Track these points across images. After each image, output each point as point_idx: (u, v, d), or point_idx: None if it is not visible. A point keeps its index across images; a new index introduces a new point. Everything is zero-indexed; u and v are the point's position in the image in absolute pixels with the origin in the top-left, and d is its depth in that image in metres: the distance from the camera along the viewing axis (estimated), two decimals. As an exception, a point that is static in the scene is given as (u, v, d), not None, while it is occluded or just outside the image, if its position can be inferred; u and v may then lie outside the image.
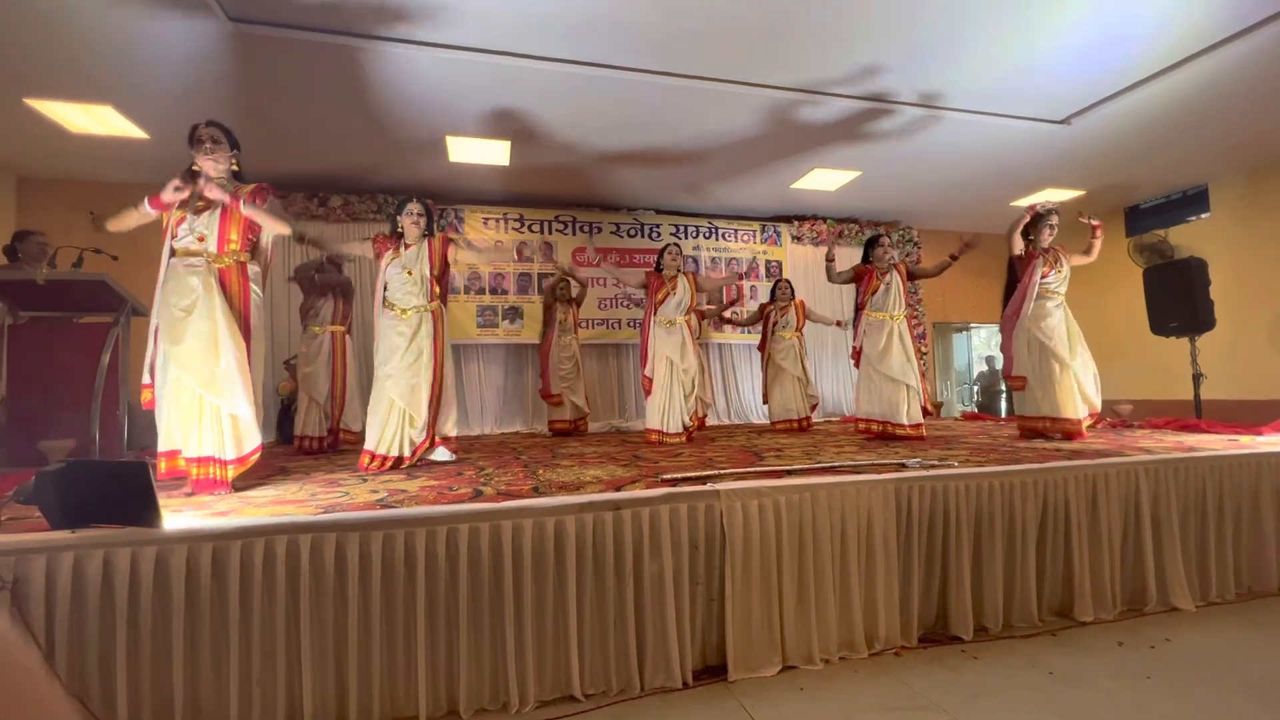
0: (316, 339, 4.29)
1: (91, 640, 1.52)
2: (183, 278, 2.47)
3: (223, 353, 2.42)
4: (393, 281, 3.19)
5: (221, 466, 2.42)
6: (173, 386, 2.41)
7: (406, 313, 3.15)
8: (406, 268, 3.17)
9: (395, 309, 3.17)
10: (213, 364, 2.40)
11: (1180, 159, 5.68)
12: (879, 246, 4.12)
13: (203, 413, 2.42)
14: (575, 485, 2.27)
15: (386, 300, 3.19)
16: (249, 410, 2.47)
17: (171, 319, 2.42)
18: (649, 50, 3.78)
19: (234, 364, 2.43)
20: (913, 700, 1.78)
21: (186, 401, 2.41)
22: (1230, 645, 2.16)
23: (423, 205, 3.27)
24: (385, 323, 3.17)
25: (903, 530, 2.19)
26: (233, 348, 2.43)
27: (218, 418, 2.43)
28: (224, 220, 2.53)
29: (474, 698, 1.75)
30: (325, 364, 4.27)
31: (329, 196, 5.86)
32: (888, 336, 3.92)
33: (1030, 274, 3.69)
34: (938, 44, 3.77)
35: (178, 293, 2.45)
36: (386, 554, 1.71)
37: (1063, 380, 3.60)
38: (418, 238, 3.23)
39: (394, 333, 3.14)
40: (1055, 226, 3.74)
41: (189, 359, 2.39)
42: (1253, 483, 2.70)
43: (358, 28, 3.48)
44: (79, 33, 3.40)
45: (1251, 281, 5.91)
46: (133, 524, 1.60)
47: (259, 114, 4.36)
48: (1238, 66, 4.00)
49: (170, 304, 2.44)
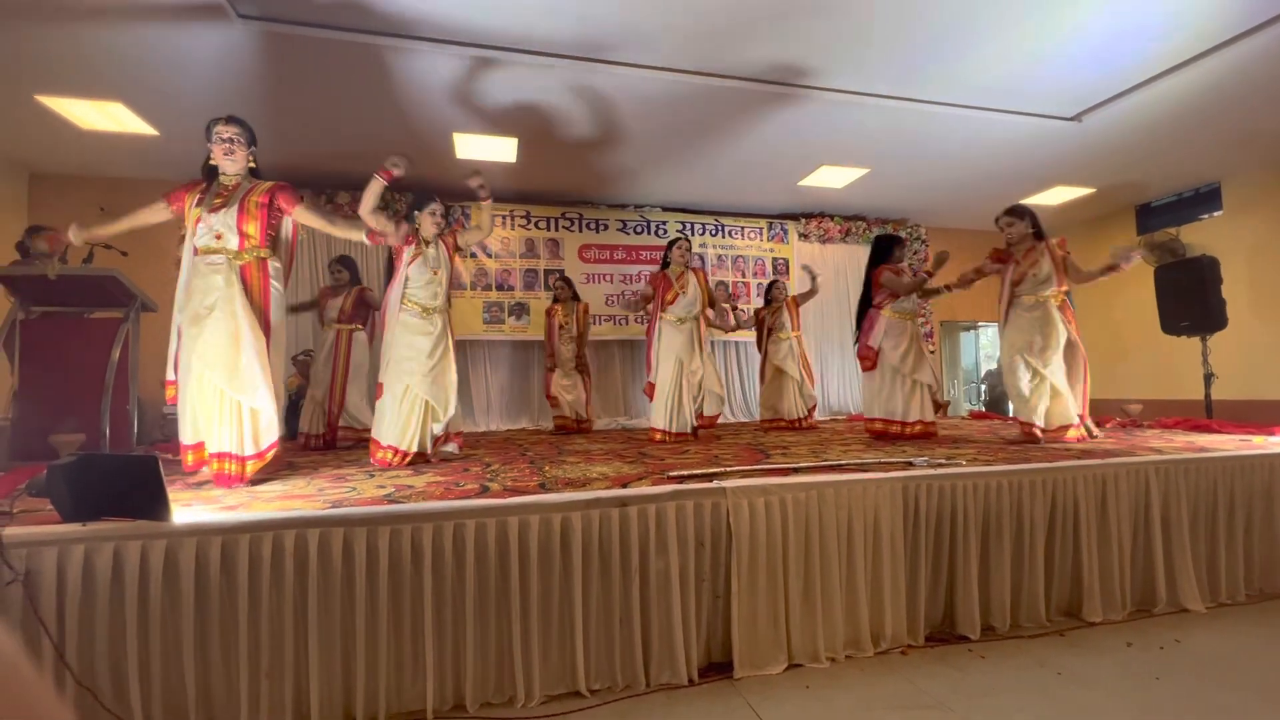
0: (324, 336, 4.33)
1: (102, 632, 1.53)
2: (205, 275, 2.50)
3: (244, 348, 2.45)
4: (416, 280, 3.14)
5: (240, 463, 2.46)
6: (196, 382, 2.45)
7: (430, 312, 3.14)
8: (433, 267, 3.17)
9: (419, 307, 3.13)
10: (235, 360, 2.44)
11: (1192, 156, 5.62)
12: (900, 246, 4.10)
13: (223, 408, 2.46)
14: (582, 482, 2.27)
15: (408, 297, 3.13)
16: (270, 405, 2.51)
17: (195, 316, 2.46)
18: (656, 47, 3.76)
19: (255, 359, 2.47)
20: (919, 699, 1.78)
21: (209, 397, 2.45)
22: (1241, 647, 2.14)
23: (442, 205, 3.28)
24: (408, 320, 3.11)
25: (910, 529, 2.18)
26: (254, 343, 2.47)
27: (238, 413, 2.47)
28: (241, 216, 2.55)
29: (480, 692, 1.76)
30: (327, 360, 4.30)
31: (336, 193, 5.89)
32: (910, 339, 3.89)
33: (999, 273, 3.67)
34: (947, 40, 3.74)
35: (201, 290, 2.48)
36: (394, 549, 1.71)
37: (1039, 387, 3.51)
38: (436, 237, 3.22)
39: (418, 332, 3.11)
40: (1005, 226, 3.60)
41: (212, 355, 2.43)
42: (1264, 484, 2.67)
43: (366, 24, 3.49)
44: (89, 30, 3.42)
45: (1264, 280, 5.84)
46: (143, 517, 1.61)
47: (267, 111, 4.38)
48: (1250, 63, 3.95)
49: (194, 301, 2.48)
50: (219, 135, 2.57)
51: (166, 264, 5.60)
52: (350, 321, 4.41)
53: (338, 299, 4.42)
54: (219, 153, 2.57)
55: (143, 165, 5.33)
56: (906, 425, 3.82)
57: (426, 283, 3.15)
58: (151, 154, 5.07)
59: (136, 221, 2.61)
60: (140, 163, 5.27)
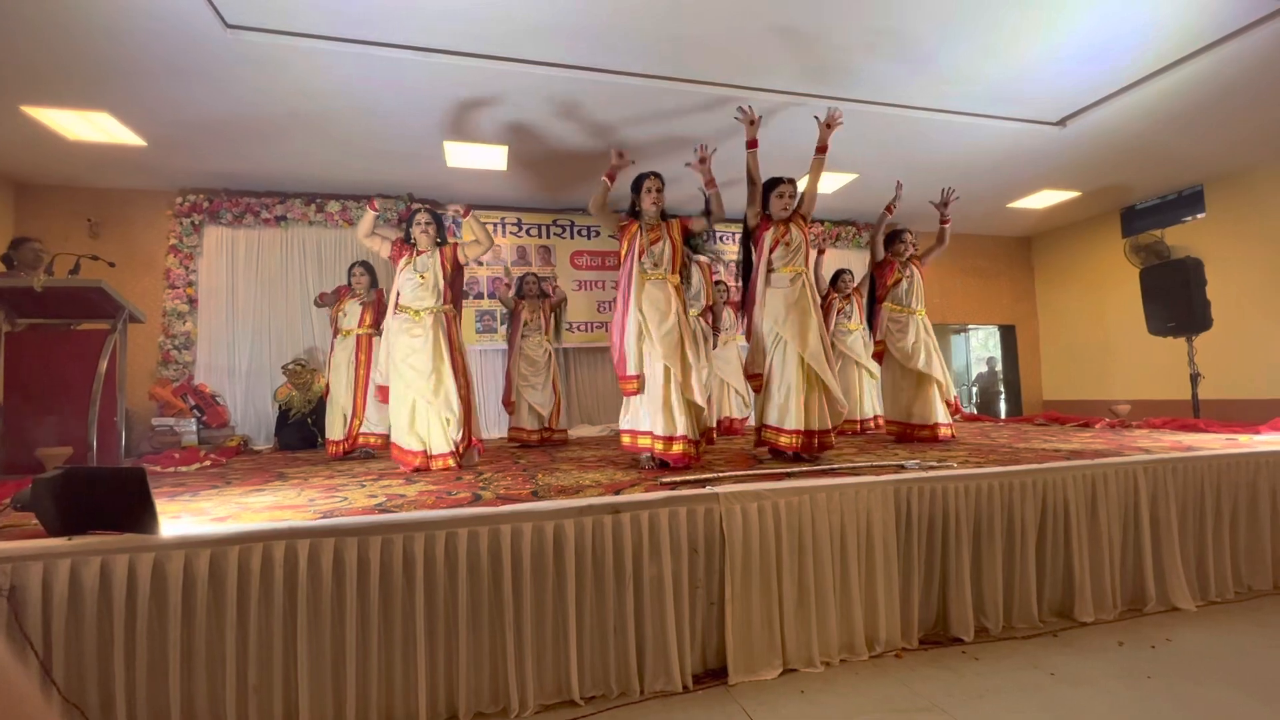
0: (341, 342, 4.28)
1: (89, 648, 1.51)
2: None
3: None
4: (405, 286, 3.31)
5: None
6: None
7: (420, 314, 3.26)
8: (420, 272, 3.30)
9: (408, 311, 3.27)
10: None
11: (1175, 160, 5.69)
12: (900, 242, 4.13)
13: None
14: (574, 489, 2.27)
15: (400, 304, 3.30)
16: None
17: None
18: (645, 54, 3.79)
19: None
20: (914, 702, 1.78)
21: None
22: (1231, 644, 2.16)
23: (430, 214, 3.42)
24: (398, 324, 3.28)
25: (902, 532, 2.19)
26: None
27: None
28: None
29: (474, 702, 1.74)
30: (349, 367, 4.24)
31: (326, 201, 5.87)
32: (915, 333, 3.90)
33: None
34: (934, 47, 3.78)
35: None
36: (385, 559, 1.70)
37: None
38: (430, 245, 3.38)
39: (408, 334, 3.24)
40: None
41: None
42: (1251, 482, 2.70)
43: (355, 35, 3.49)
44: (76, 40, 3.40)
45: (1247, 281, 5.92)
46: (130, 530, 1.59)
47: (256, 119, 4.37)
48: (1231, 68, 4.02)
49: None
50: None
51: (154, 275, 5.57)
52: (374, 327, 4.34)
53: (356, 304, 4.36)
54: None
55: (131, 176, 5.30)
56: (924, 427, 3.80)
57: (415, 287, 3.29)
58: (139, 164, 5.04)
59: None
60: (128, 173, 5.24)
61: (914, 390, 3.87)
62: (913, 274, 4.05)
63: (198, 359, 5.58)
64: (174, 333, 5.49)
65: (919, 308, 4.00)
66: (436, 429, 3.19)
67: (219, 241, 5.72)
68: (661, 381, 2.86)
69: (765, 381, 3.09)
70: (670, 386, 2.86)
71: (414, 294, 3.29)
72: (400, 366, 3.22)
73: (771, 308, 3.06)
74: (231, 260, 5.72)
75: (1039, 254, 8.30)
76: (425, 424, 3.21)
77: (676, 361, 2.84)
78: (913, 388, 3.87)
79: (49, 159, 4.90)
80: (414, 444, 3.20)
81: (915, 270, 4.07)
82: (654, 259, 2.99)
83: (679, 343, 2.88)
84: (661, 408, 2.83)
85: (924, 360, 3.84)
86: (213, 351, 5.63)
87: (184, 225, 5.57)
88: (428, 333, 3.23)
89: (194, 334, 5.58)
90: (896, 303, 3.98)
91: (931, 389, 3.84)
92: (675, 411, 2.83)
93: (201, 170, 5.30)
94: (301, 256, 5.87)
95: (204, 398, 5.29)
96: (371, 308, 4.31)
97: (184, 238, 5.58)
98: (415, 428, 3.21)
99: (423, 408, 3.20)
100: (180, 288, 5.55)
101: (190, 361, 5.53)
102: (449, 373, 3.23)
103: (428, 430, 3.20)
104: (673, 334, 2.88)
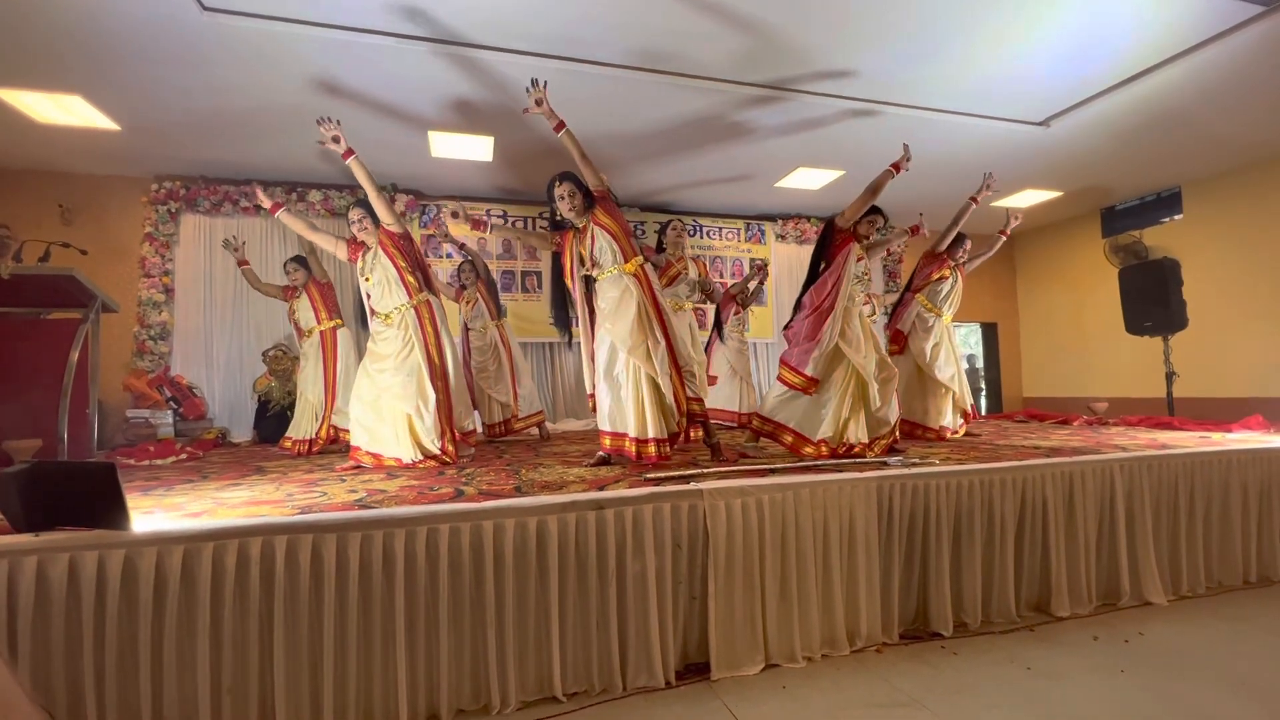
0: (307, 340, 4.22)
1: (57, 648, 1.47)
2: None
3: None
4: (366, 289, 3.23)
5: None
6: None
7: (389, 317, 3.17)
8: (364, 274, 3.20)
9: (379, 315, 3.19)
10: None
11: (1154, 161, 5.78)
12: (961, 248, 4.05)
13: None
14: (558, 485, 2.25)
15: (372, 309, 3.23)
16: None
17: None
18: (630, 46, 3.75)
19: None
20: (894, 697, 1.80)
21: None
22: (1201, 638, 2.21)
23: (362, 209, 3.18)
24: (373, 329, 3.23)
25: (884, 528, 2.20)
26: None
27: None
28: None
29: (455, 700, 1.73)
30: (317, 362, 4.20)
31: (308, 190, 5.76)
32: (939, 336, 3.87)
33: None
34: (921, 46, 3.79)
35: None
36: (365, 555, 1.68)
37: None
38: (372, 239, 3.20)
39: (380, 339, 3.18)
40: (877, 225, 3.54)
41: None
42: (1222, 479, 2.76)
43: (336, 20, 3.41)
44: (48, 21, 3.29)
45: (1222, 282, 6.04)
46: (100, 526, 1.55)
47: (234, 106, 4.27)
48: (1209, 72, 4.08)
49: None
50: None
51: (128, 263, 5.44)
52: (332, 317, 4.30)
53: (305, 301, 4.30)
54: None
55: (103, 161, 5.16)
56: (930, 430, 3.80)
57: (372, 288, 3.19)
58: (111, 149, 4.91)
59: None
60: (101, 158, 5.10)
61: (925, 391, 3.86)
62: (957, 279, 4.02)
63: (175, 349, 5.46)
64: (149, 323, 5.37)
65: (948, 314, 3.98)
66: (405, 437, 3.06)
67: (196, 230, 5.58)
68: (630, 377, 2.75)
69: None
70: (641, 381, 2.74)
71: (378, 297, 3.16)
72: (376, 376, 3.12)
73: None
74: (209, 249, 5.59)
75: (1021, 253, 8.40)
76: (393, 432, 3.06)
77: (641, 351, 2.72)
78: (924, 389, 3.86)
79: (18, 142, 4.74)
80: (391, 451, 3.07)
81: (960, 277, 4.04)
82: (595, 259, 2.88)
83: (634, 330, 2.73)
84: (633, 407, 2.74)
85: (941, 368, 3.83)
86: (190, 342, 5.51)
87: (160, 213, 5.44)
88: (397, 334, 3.11)
89: (170, 324, 5.45)
90: (932, 300, 3.95)
91: (943, 394, 3.84)
92: (647, 411, 2.71)
93: (178, 157, 5.17)
94: (282, 246, 5.76)
95: (180, 389, 5.18)
96: (320, 300, 4.26)
97: (160, 225, 5.44)
98: (390, 433, 3.07)
99: (402, 412, 3.07)
100: (156, 276, 5.42)
101: (167, 352, 5.41)
102: (421, 373, 3.08)
103: (396, 438, 3.06)
104: (629, 321, 2.74)
